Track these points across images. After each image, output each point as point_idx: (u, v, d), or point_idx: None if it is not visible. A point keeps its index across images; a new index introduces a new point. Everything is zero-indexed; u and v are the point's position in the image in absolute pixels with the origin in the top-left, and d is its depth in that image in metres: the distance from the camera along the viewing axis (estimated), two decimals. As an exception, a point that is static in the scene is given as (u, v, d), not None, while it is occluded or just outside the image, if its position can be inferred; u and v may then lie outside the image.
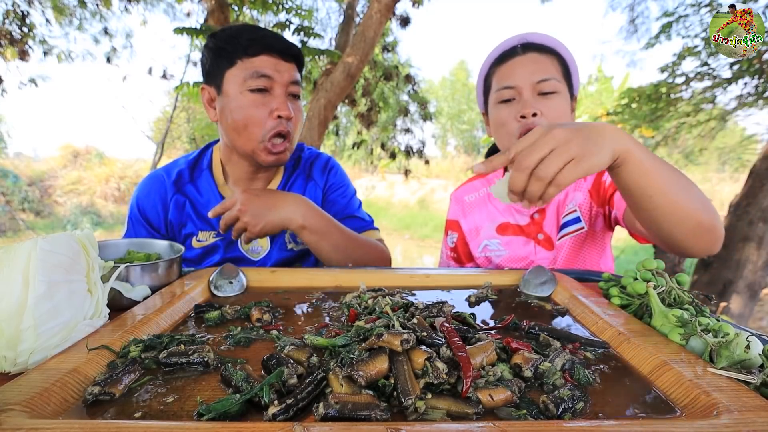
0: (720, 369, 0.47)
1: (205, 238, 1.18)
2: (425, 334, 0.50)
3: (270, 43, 1.06)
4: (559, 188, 0.65)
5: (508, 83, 1.09)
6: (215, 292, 0.78)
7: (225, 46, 1.07)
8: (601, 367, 0.52)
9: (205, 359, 0.50)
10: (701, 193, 0.77)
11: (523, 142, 0.67)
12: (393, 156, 5.05)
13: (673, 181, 0.73)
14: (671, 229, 0.77)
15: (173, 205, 1.17)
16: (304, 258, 1.24)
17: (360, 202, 1.32)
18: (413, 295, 0.78)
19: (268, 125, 1.06)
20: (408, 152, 4.88)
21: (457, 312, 0.64)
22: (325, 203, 1.27)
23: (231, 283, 0.80)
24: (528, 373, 0.47)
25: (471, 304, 0.75)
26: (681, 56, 3.75)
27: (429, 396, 0.42)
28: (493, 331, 0.62)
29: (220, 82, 1.10)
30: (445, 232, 1.39)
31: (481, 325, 0.64)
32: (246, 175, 1.19)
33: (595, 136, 0.66)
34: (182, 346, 0.52)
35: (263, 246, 1.20)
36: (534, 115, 1.04)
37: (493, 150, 1.37)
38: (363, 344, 0.48)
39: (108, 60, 5.42)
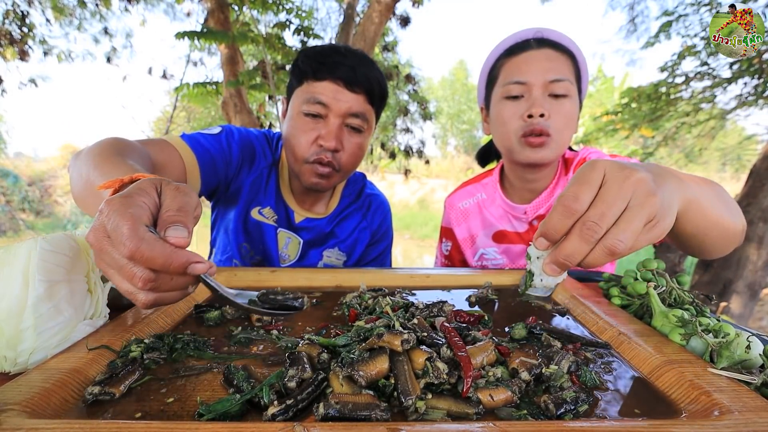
0: (720, 369, 0.47)
1: (269, 216, 1.17)
2: (425, 334, 0.50)
3: (336, 70, 1.02)
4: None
5: (518, 78, 1.01)
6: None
7: (300, 64, 1.06)
8: (602, 367, 0.52)
9: (300, 302, 0.57)
10: (731, 199, 0.72)
11: (583, 186, 0.46)
12: (393, 156, 5.04)
13: (719, 205, 0.65)
14: (712, 249, 0.72)
15: (262, 169, 1.15)
16: None
17: (390, 258, 1.36)
18: (413, 295, 0.78)
19: (310, 151, 1.04)
20: (408, 152, 4.88)
21: (460, 309, 0.64)
22: (368, 247, 1.28)
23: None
24: (525, 376, 0.46)
25: (471, 304, 0.75)
26: (681, 56, 3.75)
27: (429, 396, 0.42)
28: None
29: (290, 98, 1.10)
30: (439, 238, 1.35)
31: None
32: (299, 189, 1.18)
33: (667, 190, 0.50)
34: (279, 288, 0.56)
35: (291, 255, 1.19)
36: (542, 116, 0.99)
37: (486, 150, 1.33)
38: (363, 344, 0.48)
39: (108, 60, 5.42)
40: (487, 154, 1.34)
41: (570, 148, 1.19)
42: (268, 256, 1.17)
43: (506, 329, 0.63)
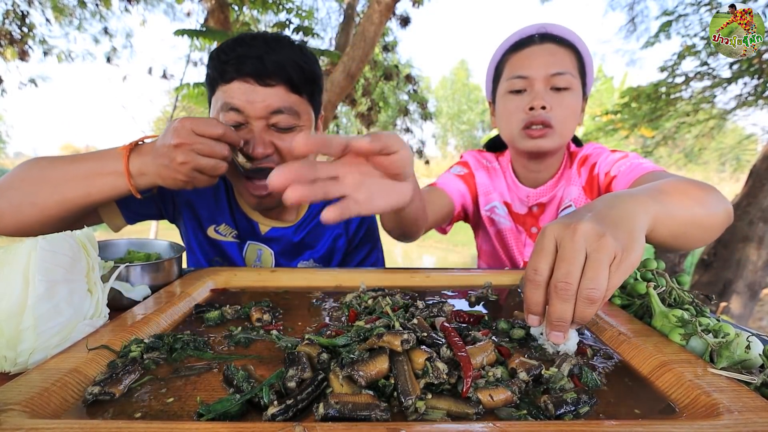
0: (720, 369, 0.47)
1: (226, 233, 1.08)
2: (425, 334, 0.50)
3: (242, 66, 0.87)
4: (604, 302, 0.50)
5: (520, 73, 1.04)
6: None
7: (209, 68, 0.93)
8: (601, 367, 0.52)
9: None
10: (705, 191, 0.73)
11: (539, 257, 0.50)
12: (393, 156, 5.03)
13: (691, 205, 0.67)
14: (695, 243, 0.73)
15: (214, 188, 1.05)
16: None
17: (381, 257, 1.25)
18: (413, 295, 0.78)
19: (240, 167, 0.91)
20: (408, 152, 4.87)
21: (460, 309, 0.64)
22: (346, 255, 1.18)
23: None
24: (523, 376, 0.46)
25: (471, 304, 0.75)
26: (681, 56, 3.75)
27: (429, 396, 0.42)
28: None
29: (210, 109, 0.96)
30: (451, 166, 1.29)
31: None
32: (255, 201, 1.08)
33: (621, 220, 0.52)
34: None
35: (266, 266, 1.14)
36: (543, 108, 1.01)
37: (493, 143, 1.33)
38: (363, 344, 0.48)
39: (108, 60, 5.42)
40: (495, 147, 1.34)
41: (577, 143, 1.22)
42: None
43: (493, 325, 0.63)
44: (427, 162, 5.30)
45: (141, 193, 0.82)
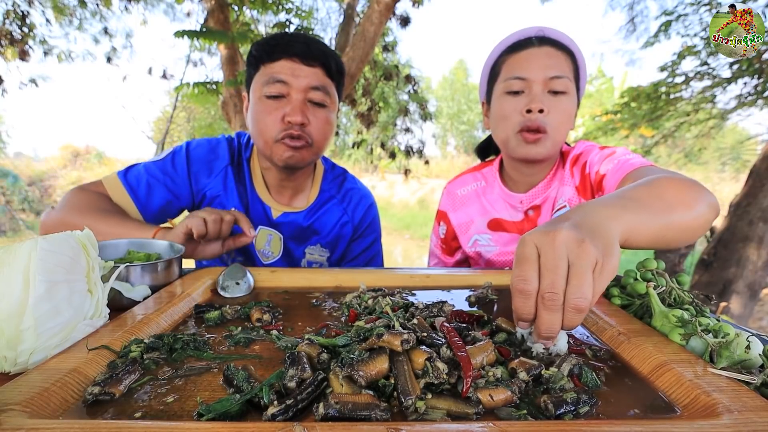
0: (720, 369, 0.47)
1: None
2: (425, 334, 0.50)
3: (290, 47, 1.03)
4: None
5: (519, 74, 1.04)
6: (222, 293, 0.78)
7: (254, 51, 1.08)
8: (601, 367, 0.52)
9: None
10: (687, 188, 0.72)
11: (525, 266, 0.50)
12: (393, 156, 5.04)
13: (672, 206, 0.67)
14: (677, 243, 0.73)
15: (218, 172, 1.15)
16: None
17: (381, 251, 1.34)
18: (413, 295, 0.78)
19: (278, 130, 1.04)
20: (408, 152, 4.87)
21: (460, 309, 0.64)
22: (352, 242, 1.26)
23: (238, 284, 0.80)
24: (523, 376, 0.46)
25: (471, 304, 0.75)
26: (681, 55, 3.75)
27: (429, 396, 0.42)
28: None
29: (249, 89, 1.11)
30: (436, 221, 1.37)
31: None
32: (276, 182, 1.18)
33: (596, 227, 0.53)
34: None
35: (274, 252, 1.18)
36: (541, 111, 1.01)
37: (486, 145, 1.34)
38: (363, 344, 0.48)
39: (108, 60, 5.41)
40: (486, 149, 1.35)
41: (567, 144, 1.22)
42: (248, 255, 1.17)
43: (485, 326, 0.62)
44: (426, 162, 5.29)
45: None
